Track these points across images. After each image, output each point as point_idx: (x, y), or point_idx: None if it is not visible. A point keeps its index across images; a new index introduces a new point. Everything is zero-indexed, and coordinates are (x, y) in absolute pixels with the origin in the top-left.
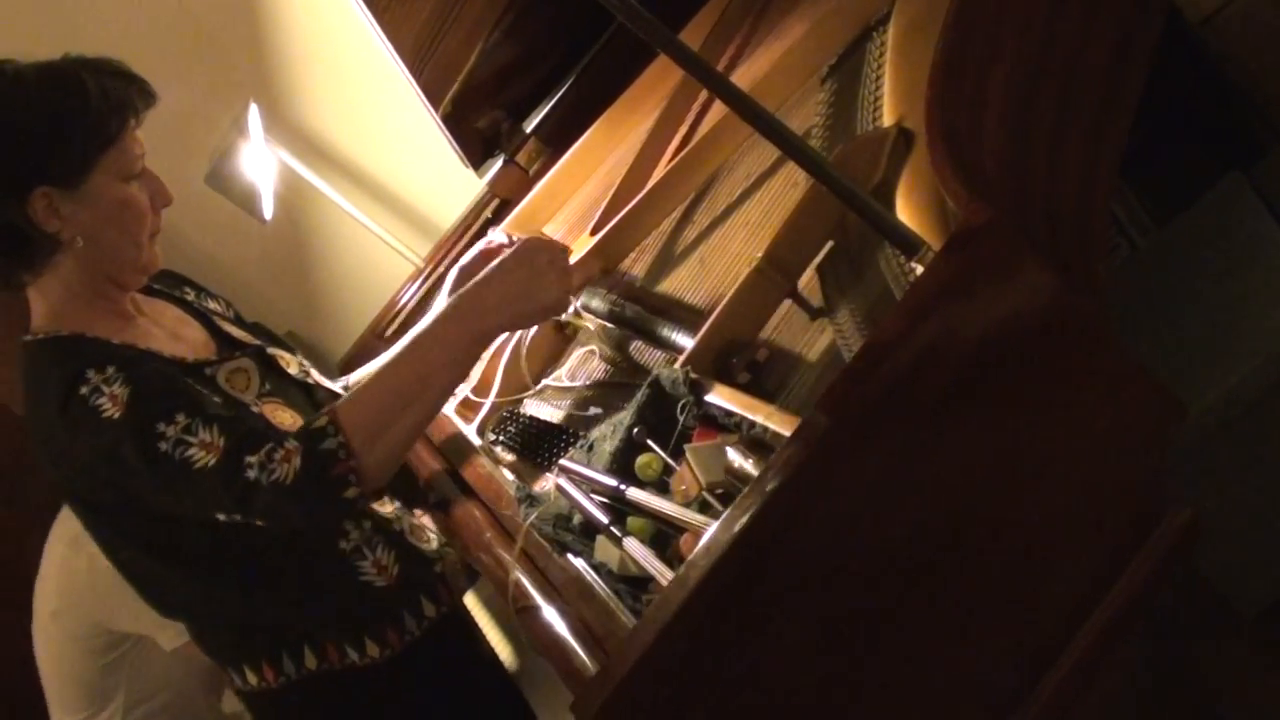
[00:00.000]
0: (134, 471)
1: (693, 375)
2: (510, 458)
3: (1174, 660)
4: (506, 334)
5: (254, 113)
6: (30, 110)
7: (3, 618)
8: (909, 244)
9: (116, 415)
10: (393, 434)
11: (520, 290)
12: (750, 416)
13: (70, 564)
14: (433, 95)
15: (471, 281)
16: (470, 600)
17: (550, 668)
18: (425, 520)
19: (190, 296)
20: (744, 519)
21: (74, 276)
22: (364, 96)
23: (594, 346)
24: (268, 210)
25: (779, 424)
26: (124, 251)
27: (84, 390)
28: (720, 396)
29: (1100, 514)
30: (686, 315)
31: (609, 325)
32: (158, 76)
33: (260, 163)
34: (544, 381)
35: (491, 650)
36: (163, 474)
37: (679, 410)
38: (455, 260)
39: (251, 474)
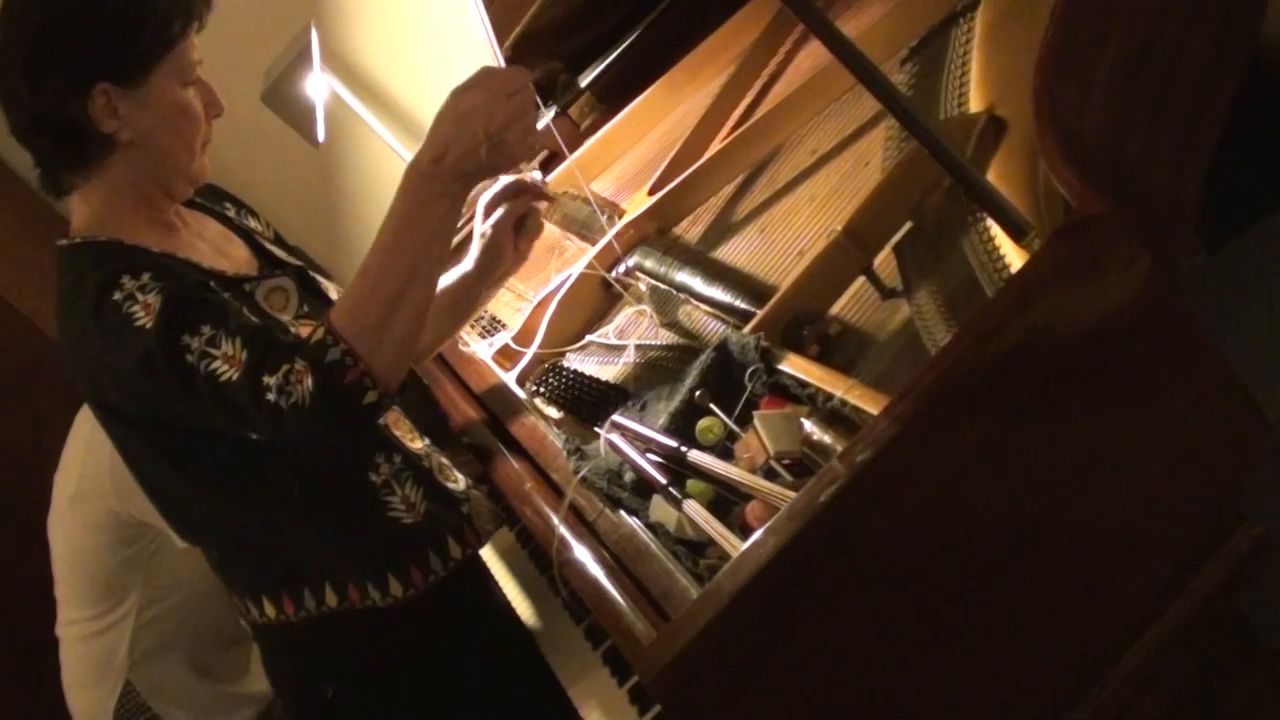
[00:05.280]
0: (163, 383)
1: (764, 343)
2: (551, 410)
3: (1192, 688)
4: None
5: (314, 35)
6: (99, 5)
7: (12, 535)
8: (1017, 227)
9: (148, 324)
10: (395, 328)
11: (454, 135)
12: (829, 389)
13: (94, 447)
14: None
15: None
16: (485, 552)
17: (567, 623)
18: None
19: (231, 213)
20: (830, 490)
21: (123, 181)
22: (417, 33)
23: (645, 307)
24: (321, 133)
25: (862, 400)
26: (177, 157)
27: (117, 296)
28: (794, 367)
29: (1174, 521)
30: (742, 282)
31: (661, 286)
32: None
33: (317, 86)
34: (589, 337)
35: (506, 601)
36: (190, 387)
37: (748, 377)
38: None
39: (271, 397)
